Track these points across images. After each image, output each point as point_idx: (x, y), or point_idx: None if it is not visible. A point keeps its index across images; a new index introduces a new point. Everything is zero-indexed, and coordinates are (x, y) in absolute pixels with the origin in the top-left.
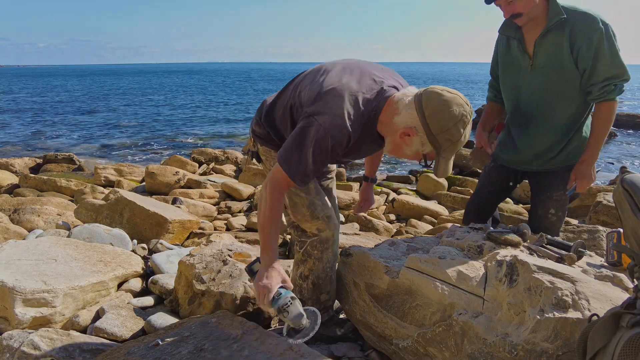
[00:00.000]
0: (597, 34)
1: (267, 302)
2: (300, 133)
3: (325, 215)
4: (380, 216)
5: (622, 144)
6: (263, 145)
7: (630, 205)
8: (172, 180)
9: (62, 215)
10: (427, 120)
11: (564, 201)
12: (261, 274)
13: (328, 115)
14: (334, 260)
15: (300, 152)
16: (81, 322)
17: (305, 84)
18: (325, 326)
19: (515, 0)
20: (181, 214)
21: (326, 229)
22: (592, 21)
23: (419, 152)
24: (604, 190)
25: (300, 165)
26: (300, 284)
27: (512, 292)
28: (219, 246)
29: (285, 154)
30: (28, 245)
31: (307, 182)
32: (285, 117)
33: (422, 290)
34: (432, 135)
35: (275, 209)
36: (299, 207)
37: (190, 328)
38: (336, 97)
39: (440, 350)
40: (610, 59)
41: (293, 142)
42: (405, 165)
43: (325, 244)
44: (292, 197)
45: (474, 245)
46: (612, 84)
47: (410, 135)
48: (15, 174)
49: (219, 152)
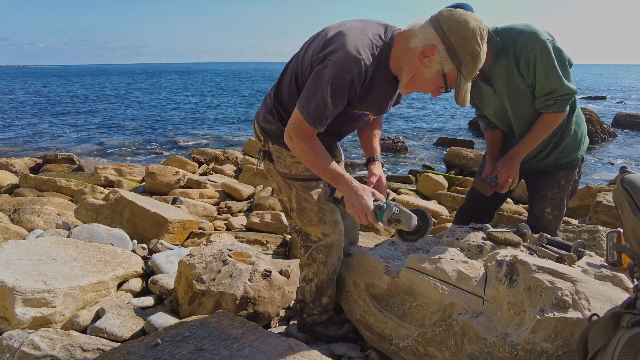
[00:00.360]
0: (532, 54)
1: (372, 219)
2: (316, 77)
3: (333, 220)
4: None
5: (622, 144)
6: (274, 144)
7: (630, 205)
8: (172, 180)
9: (62, 215)
10: (447, 34)
11: (559, 200)
12: (350, 196)
13: (341, 51)
14: (338, 264)
15: (318, 95)
16: (81, 322)
17: (306, 48)
18: (324, 326)
19: None
20: (181, 214)
21: (332, 233)
22: (527, 40)
23: (439, 73)
24: (604, 190)
25: (318, 108)
26: (304, 286)
27: (512, 292)
28: (219, 246)
29: (305, 101)
30: (28, 245)
31: (323, 124)
32: (292, 90)
33: (422, 290)
34: (452, 49)
35: (316, 148)
36: (307, 212)
37: (190, 328)
38: (344, 36)
39: (440, 350)
40: (545, 77)
41: (311, 87)
42: (405, 165)
43: (330, 249)
44: (301, 202)
45: (474, 245)
46: (551, 98)
47: (430, 55)
48: (15, 174)
49: (219, 152)
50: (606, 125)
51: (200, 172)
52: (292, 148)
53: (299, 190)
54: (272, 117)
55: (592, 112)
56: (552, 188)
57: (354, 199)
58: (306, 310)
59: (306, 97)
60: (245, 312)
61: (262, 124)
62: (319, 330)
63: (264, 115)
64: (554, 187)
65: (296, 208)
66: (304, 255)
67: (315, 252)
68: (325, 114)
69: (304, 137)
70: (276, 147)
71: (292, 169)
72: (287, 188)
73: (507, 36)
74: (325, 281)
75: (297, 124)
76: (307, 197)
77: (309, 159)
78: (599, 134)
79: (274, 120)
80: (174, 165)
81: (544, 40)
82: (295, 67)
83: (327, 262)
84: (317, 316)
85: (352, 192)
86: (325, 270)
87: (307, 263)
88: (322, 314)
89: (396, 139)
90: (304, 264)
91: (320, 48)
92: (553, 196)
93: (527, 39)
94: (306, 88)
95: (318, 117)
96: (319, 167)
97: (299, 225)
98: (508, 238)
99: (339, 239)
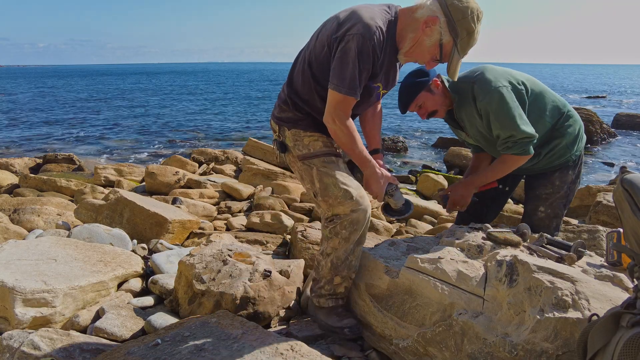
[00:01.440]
0: (483, 104)
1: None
2: (341, 54)
3: (359, 195)
4: (380, 216)
5: (622, 144)
6: (292, 129)
7: (630, 205)
8: (172, 180)
9: (62, 215)
10: (449, 9)
11: (553, 199)
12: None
13: (359, 24)
14: (359, 245)
15: (349, 67)
16: (81, 322)
17: (317, 36)
18: (326, 313)
19: (423, 104)
20: (181, 214)
21: (359, 209)
22: (479, 91)
23: (437, 43)
24: (604, 190)
25: (353, 79)
26: (319, 260)
27: (512, 292)
28: (219, 246)
29: (337, 79)
30: (28, 245)
31: (359, 91)
32: (306, 77)
33: (422, 290)
34: (452, 22)
35: (354, 132)
36: (331, 188)
37: (190, 328)
38: (357, 12)
39: (440, 350)
40: (499, 125)
41: (339, 65)
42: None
43: (355, 225)
44: (324, 178)
45: (474, 245)
46: (509, 141)
47: (432, 25)
48: (15, 174)
49: (219, 152)
50: (606, 125)
51: (200, 172)
52: (333, 131)
53: (319, 167)
54: (287, 107)
55: (592, 112)
56: (546, 188)
57: (375, 183)
58: (316, 288)
59: (337, 75)
60: (245, 312)
61: (277, 114)
62: (320, 316)
63: (279, 107)
64: (548, 187)
65: (319, 188)
66: (327, 227)
67: (340, 227)
68: (358, 83)
69: (345, 118)
70: (293, 131)
71: (311, 147)
72: (308, 170)
73: (465, 86)
74: (342, 259)
75: (337, 105)
76: (329, 172)
77: (347, 141)
78: (599, 134)
79: (289, 109)
80: (174, 165)
81: (496, 88)
82: (307, 55)
83: (349, 239)
84: (324, 299)
85: (375, 176)
86: (345, 246)
87: (328, 236)
88: (330, 298)
89: (396, 139)
90: (324, 236)
91: (336, 29)
92: (547, 196)
93: (479, 90)
94: (334, 69)
95: (353, 87)
96: (354, 151)
97: (326, 211)
98: (508, 238)
99: (366, 216)
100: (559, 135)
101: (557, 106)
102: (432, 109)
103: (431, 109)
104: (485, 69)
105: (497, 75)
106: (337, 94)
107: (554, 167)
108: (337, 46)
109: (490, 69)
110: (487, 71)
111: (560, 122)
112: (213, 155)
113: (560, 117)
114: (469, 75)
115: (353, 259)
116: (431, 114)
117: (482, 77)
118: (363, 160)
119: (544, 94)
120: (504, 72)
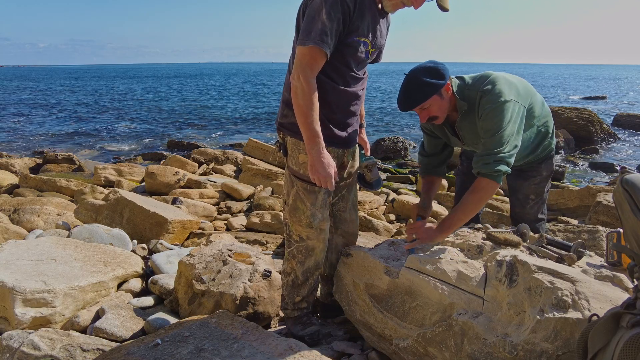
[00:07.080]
0: (482, 111)
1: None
2: (309, 10)
3: (320, 227)
4: (380, 216)
5: (623, 144)
6: (292, 138)
7: (630, 205)
8: (172, 181)
9: (62, 215)
10: None
11: (541, 188)
12: (317, 163)
13: None
14: (315, 269)
15: (316, 19)
16: (81, 322)
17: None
18: (293, 322)
19: (429, 107)
20: (181, 214)
21: (315, 239)
22: (488, 100)
23: None
24: (604, 190)
25: (319, 31)
26: (282, 278)
27: (512, 292)
28: (219, 246)
29: (304, 34)
30: (28, 246)
31: (328, 43)
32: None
33: (422, 291)
34: None
35: (313, 96)
36: (299, 213)
37: (190, 328)
38: None
39: (440, 350)
40: (490, 134)
41: (306, 20)
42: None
43: (310, 252)
44: (297, 202)
45: (474, 245)
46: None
47: None
48: (15, 174)
49: (219, 152)
50: (606, 125)
51: (200, 172)
52: (294, 88)
53: (299, 190)
54: (289, 110)
55: (592, 112)
56: (535, 179)
57: (320, 166)
58: (282, 302)
59: (303, 30)
60: (245, 312)
61: (280, 119)
62: (288, 325)
63: (281, 110)
64: (537, 177)
65: (290, 205)
66: (287, 249)
67: (296, 251)
68: (326, 31)
69: (310, 73)
70: (293, 140)
71: (301, 169)
72: (290, 184)
73: (473, 94)
74: (301, 280)
75: (302, 58)
76: (305, 200)
77: (304, 103)
78: (599, 134)
79: (290, 114)
80: (174, 165)
81: (506, 100)
82: (293, 44)
83: (303, 263)
84: (289, 311)
85: (319, 158)
86: (300, 269)
87: (287, 257)
88: (294, 310)
89: (396, 140)
90: (285, 257)
91: None
92: (537, 184)
93: (488, 99)
94: (302, 25)
95: (320, 38)
96: (306, 118)
97: (287, 219)
98: (508, 238)
99: (321, 247)
100: (545, 132)
101: (540, 106)
102: (435, 114)
103: (434, 114)
104: (498, 79)
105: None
106: (302, 47)
107: (539, 159)
108: (306, 9)
109: (501, 80)
110: (500, 81)
111: (543, 121)
112: (213, 156)
113: (542, 115)
114: (477, 83)
115: (312, 281)
116: (431, 118)
117: (489, 87)
118: (313, 133)
119: (534, 101)
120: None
